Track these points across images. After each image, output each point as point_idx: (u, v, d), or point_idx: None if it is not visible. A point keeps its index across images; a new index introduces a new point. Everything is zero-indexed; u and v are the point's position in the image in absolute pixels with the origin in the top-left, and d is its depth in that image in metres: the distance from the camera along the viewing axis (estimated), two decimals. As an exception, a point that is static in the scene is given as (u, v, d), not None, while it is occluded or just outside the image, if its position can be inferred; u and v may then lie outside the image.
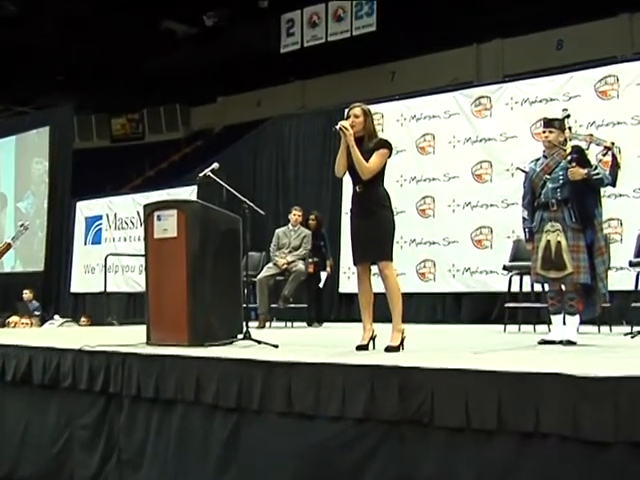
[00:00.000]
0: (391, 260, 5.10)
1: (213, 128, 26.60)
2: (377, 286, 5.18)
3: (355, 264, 5.21)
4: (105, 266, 12.89)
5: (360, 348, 5.02)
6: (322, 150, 12.20)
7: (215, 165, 6.35)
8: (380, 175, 5.14)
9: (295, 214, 9.87)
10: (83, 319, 13.34)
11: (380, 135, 5.35)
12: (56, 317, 13.51)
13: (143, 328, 5.90)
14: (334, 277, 11.22)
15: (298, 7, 20.81)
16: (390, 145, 5.19)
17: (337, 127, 5.14)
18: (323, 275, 10.08)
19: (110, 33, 21.16)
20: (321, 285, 10.04)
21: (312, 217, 10.08)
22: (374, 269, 5.15)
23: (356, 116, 5.17)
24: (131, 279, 14.80)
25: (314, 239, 9.90)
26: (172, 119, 27.71)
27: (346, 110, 5.31)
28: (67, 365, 5.36)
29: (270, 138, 13.41)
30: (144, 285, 6.04)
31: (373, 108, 11.66)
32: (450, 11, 18.50)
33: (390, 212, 5.15)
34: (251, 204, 6.07)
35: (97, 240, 15.92)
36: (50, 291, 16.41)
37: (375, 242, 5.03)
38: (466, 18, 18.64)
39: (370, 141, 5.16)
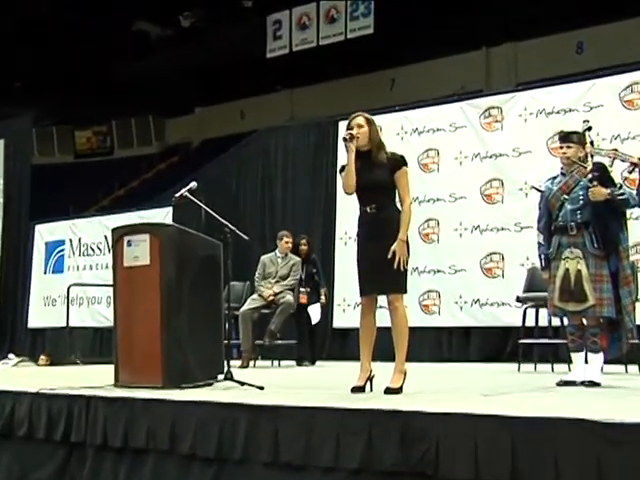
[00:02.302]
0: (405, 292, 5.09)
1: (191, 142, 26.71)
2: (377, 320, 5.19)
3: (362, 295, 5.17)
4: (68, 298, 12.85)
5: (356, 390, 5.02)
6: (313, 167, 12.24)
7: (193, 184, 6.36)
8: (394, 194, 5.12)
9: (286, 241, 9.85)
10: (42, 358, 13.27)
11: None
12: (11, 356, 13.43)
13: (111, 368, 5.88)
14: (327, 310, 11.22)
15: (286, 7, 20.97)
16: (406, 161, 5.18)
17: (346, 135, 5.11)
18: (316, 308, 10.04)
19: (74, 35, 21.25)
20: (318, 317, 9.99)
21: (303, 242, 10.07)
22: (380, 300, 5.15)
23: (360, 125, 5.14)
24: (97, 312, 14.75)
25: (306, 266, 9.91)
26: (144, 132, 27.81)
27: (340, 122, 5.34)
28: (23, 411, 5.33)
29: (255, 153, 13.44)
30: (112, 319, 6.03)
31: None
32: (456, 11, 18.64)
33: (407, 238, 5.08)
34: (233, 228, 6.08)
35: (59, 268, 15.87)
36: (4, 326, 16.32)
37: (389, 271, 4.97)
38: (474, 19, 18.79)
39: (379, 154, 5.15)
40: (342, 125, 10.90)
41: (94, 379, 6.00)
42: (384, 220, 5.06)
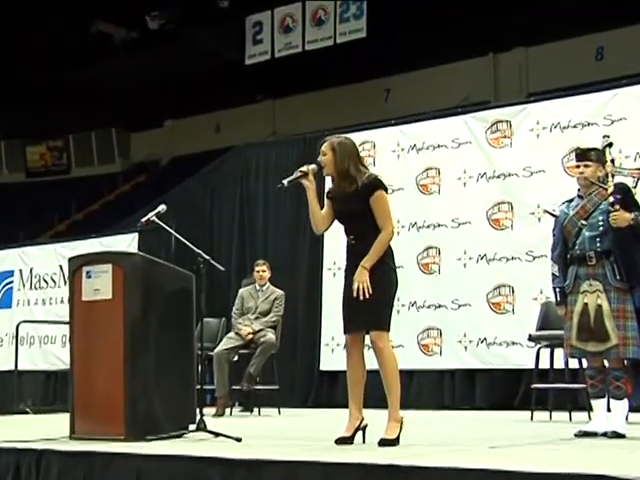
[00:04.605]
0: (387, 330, 5.15)
1: (159, 159, 26.72)
2: (368, 362, 5.20)
3: (344, 332, 5.26)
4: (17, 336, 12.76)
5: (341, 441, 5.02)
6: (298, 189, 12.25)
7: (161, 207, 6.38)
8: (375, 222, 5.21)
9: (257, 270, 9.88)
10: (-14, 406, 13.20)
11: (371, 170, 5.44)
12: (-51, 404, 13.34)
13: (66, 417, 5.86)
14: (314, 352, 11.22)
15: (267, 7, 21.01)
16: (381, 182, 5.29)
17: (284, 182, 5.44)
18: None
19: (25, 37, 21.25)
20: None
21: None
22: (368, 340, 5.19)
23: (323, 154, 5.37)
24: (51, 353, 14.70)
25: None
26: (106, 148, 27.76)
27: (328, 138, 5.41)
28: (-37, 467, 5.30)
29: (232, 172, 13.46)
30: (68, 361, 6.01)
31: (362, 135, 11.69)
32: (460, 12, 18.74)
33: (391, 269, 5.24)
34: (207, 257, 6.09)
35: (6, 303, 15.82)
36: (-57, 369, 16.23)
37: (368, 306, 5.07)
38: (480, 21, 18.91)
39: (342, 182, 5.29)
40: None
41: (46, 430, 5.98)
42: (363, 252, 5.17)
